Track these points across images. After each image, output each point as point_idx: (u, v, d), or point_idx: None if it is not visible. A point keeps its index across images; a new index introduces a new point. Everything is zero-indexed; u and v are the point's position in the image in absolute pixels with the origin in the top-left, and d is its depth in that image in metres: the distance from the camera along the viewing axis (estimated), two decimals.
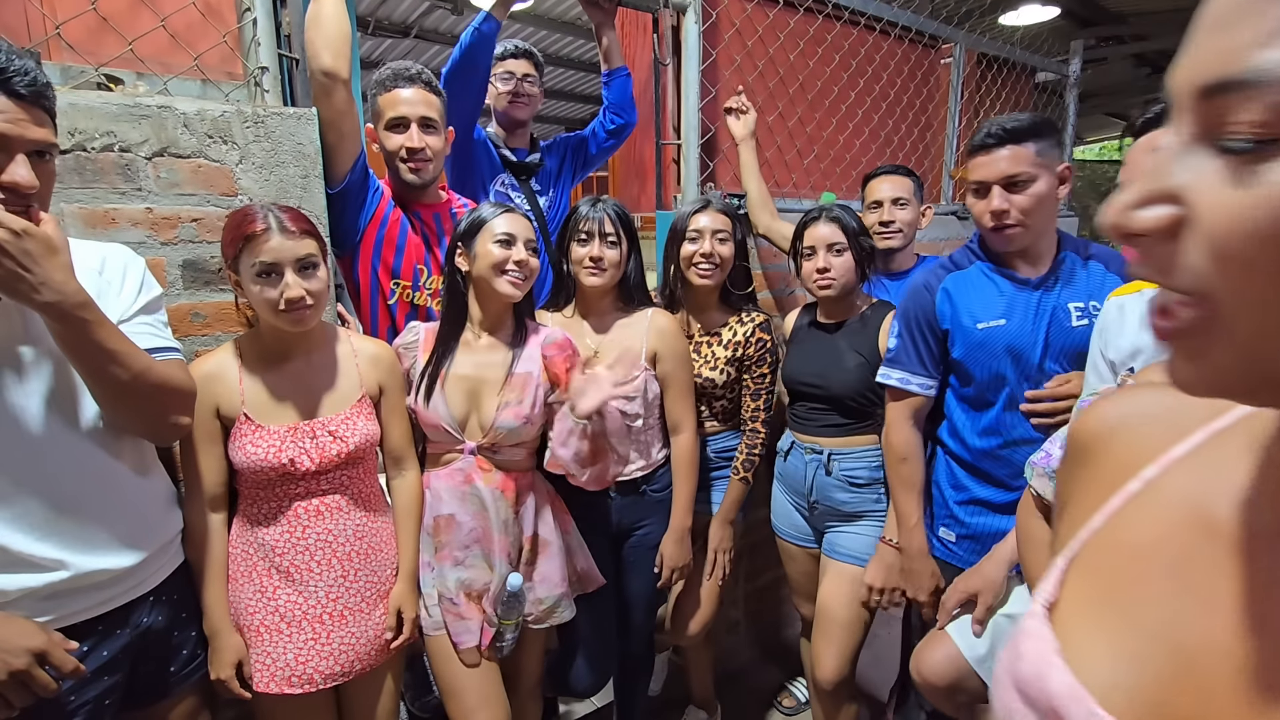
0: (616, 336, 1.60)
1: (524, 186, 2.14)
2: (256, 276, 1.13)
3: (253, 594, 1.20)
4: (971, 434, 1.42)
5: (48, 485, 0.94)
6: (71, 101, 1.14)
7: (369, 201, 1.56)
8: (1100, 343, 1.17)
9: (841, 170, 2.69)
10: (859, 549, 1.60)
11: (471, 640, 1.36)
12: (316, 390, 1.25)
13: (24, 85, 0.83)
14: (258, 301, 1.15)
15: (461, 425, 1.38)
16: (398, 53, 5.63)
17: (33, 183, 0.84)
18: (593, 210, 1.53)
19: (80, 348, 0.90)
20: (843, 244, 1.59)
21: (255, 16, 1.35)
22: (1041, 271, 1.37)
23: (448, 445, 1.39)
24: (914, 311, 1.44)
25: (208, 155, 1.27)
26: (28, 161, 0.84)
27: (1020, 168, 1.28)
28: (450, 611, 1.36)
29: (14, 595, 0.92)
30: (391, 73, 1.59)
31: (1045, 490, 1.03)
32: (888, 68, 2.73)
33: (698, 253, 1.64)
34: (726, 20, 2.26)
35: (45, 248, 0.84)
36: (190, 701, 1.18)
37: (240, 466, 1.18)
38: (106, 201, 1.19)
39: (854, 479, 1.60)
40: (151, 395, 0.98)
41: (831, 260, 1.59)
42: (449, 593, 1.36)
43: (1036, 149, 1.29)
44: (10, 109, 0.83)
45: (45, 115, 0.88)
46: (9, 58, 0.83)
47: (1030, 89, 3.50)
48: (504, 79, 2.13)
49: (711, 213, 1.66)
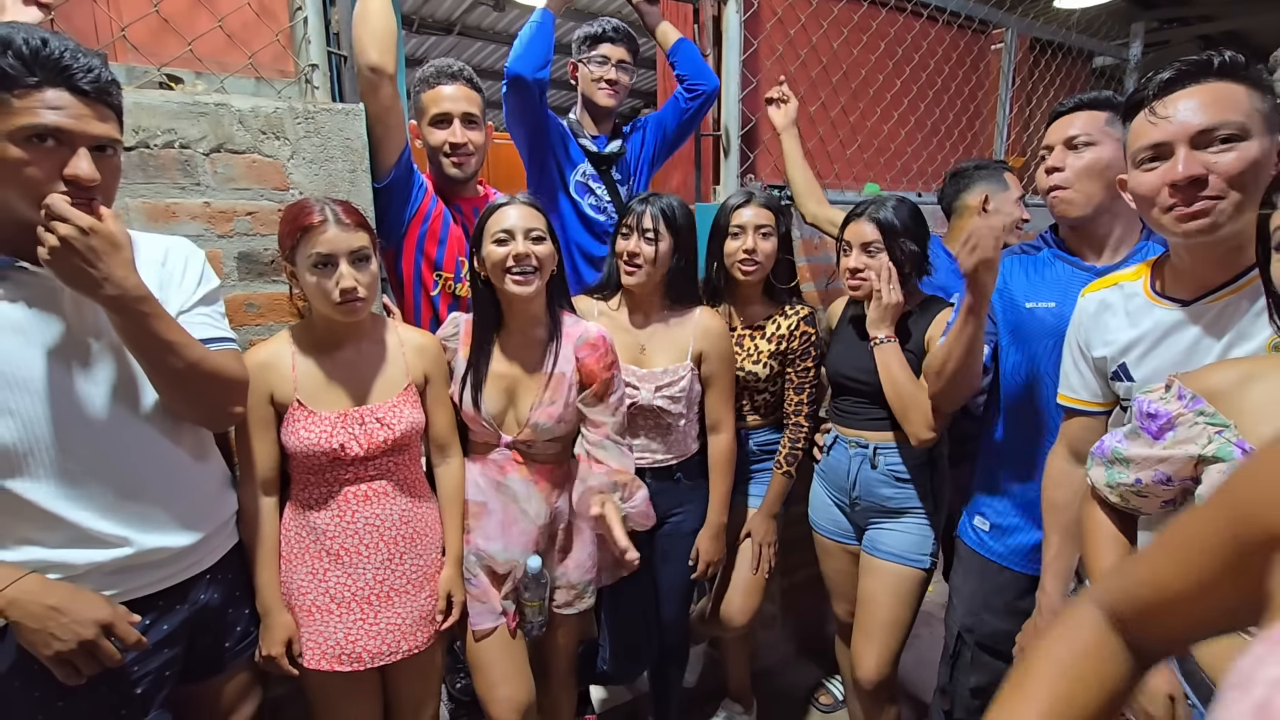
0: (662, 334, 1.59)
1: (605, 177, 2.05)
2: (313, 267, 1.17)
3: (304, 575, 1.24)
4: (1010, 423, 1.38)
5: (114, 468, 0.99)
6: (135, 100, 1.19)
7: (414, 195, 1.60)
8: (1079, 340, 1.13)
9: (886, 160, 2.63)
10: (902, 546, 1.57)
11: (489, 622, 1.39)
12: (366, 378, 1.28)
13: (87, 82, 0.87)
14: (313, 291, 1.19)
15: (499, 421, 1.40)
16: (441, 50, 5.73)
17: (93, 176, 0.88)
18: (640, 204, 1.53)
19: (139, 339, 0.94)
20: (878, 244, 1.52)
21: (306, 15, 1.39)
22: (1112, 260, 1.30)
23: (487, 438, 1.42)
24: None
25: (261, 151, 1.31)
26: (89, 156, 0.88)
27: (1082, 129, 1.25)
28: (470, 594, 1.39)
29: (82, 569, 0.97)
30: (435, 70, 1.62)
31: (1099, 479, 0.99)
32: (935, 55, 2.65)
33: (740, 249, 1.62)
34: (768, 9, 2.23)
35: (109, 244, 0.88)
36: (243, 677, 1.23)
37: (293, 451, 1.22)
38: (167, 196, 1.24)
39: (899, 474, 1.57)
40: (206, 384, 1.02)
41: (866, 260, 1.54)
42: (469, 574, 1.39)
43: (1107, 118, 1.25)
44: (73, 105, 0.87)
45: (109, 111, 0.92)
46: (73, 55, 0.86)
47: (1087, 75, 3.36)
48: (598, 63, 1.98)
49: (755, 207, 1.64)
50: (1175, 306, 1.01)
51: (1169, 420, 0.87)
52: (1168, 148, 0.93)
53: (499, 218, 1.35)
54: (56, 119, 0.85)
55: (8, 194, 0.87)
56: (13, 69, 0.83)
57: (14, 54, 0.83)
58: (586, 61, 1.99)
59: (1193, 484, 0.87)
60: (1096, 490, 1.01)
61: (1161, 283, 1.05)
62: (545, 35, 1.77)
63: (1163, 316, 1.02)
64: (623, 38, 1.99)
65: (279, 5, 1.44)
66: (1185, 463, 0.86)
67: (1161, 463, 0.88)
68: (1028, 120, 3.05)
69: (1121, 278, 1.11)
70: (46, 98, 0.85)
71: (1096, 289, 1.13)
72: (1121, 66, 3.27)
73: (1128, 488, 0.94)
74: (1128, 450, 0.93)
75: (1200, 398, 0.84)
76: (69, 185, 0.87)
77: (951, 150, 2.82)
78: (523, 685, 1.41)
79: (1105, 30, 3.34)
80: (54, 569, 0.95)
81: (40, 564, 0.94)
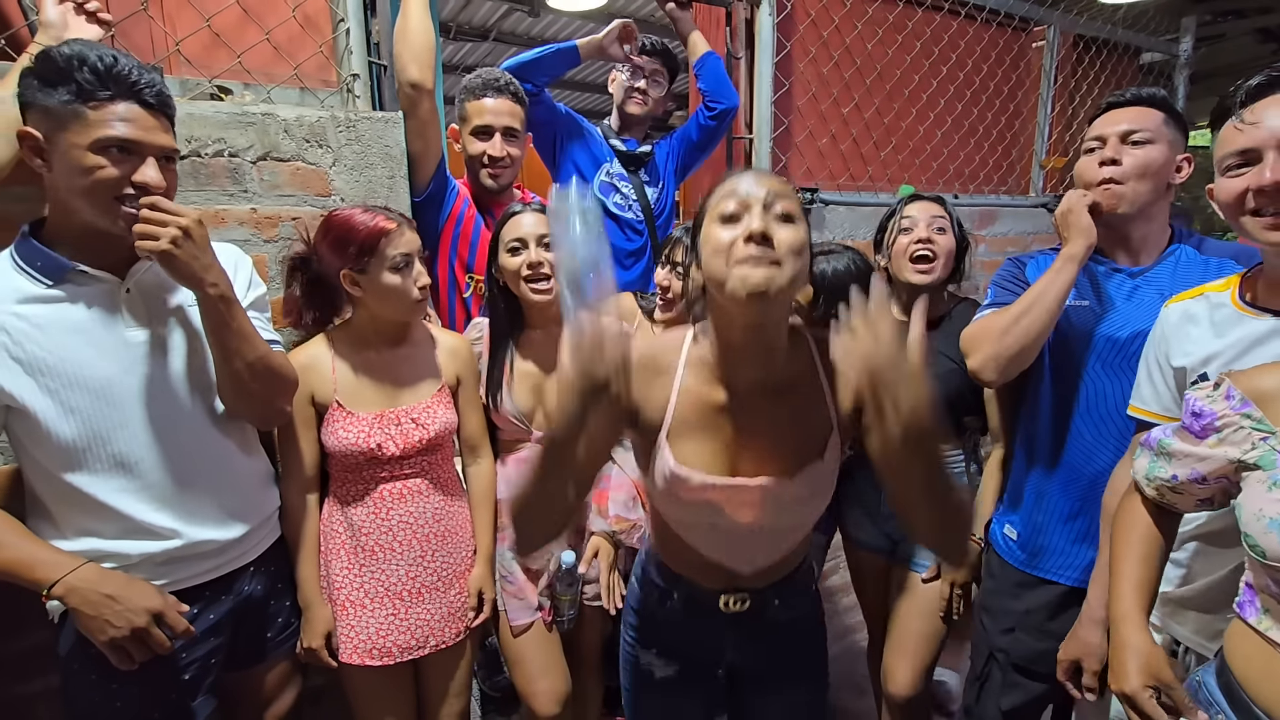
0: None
1: (633, 177, 2.08)
2: (394, 269, 1.21)
3: (340, 570, 1.28)
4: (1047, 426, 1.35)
5: (171, 462, 1.04)
6: (188, 111, 1.25)
7: (446, 201, 1.64)
8: (1160, 350, 1.10)
9: (921, 162, 2.60)
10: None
11: (526, 617, 1.42)
12: (401, 380, 1.32)
13: (151, 95, 0.94)
14: (392, 292, 1.22)
15: (529, 418, 1.43)
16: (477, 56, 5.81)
17: (161, 182, 0.95)
18: (678, 232, 1.48)
19: (224, 328, 1.00)
20: (945, 222, 1.49)
21: (349, 26, 1.44)
22: (1144, 263, 1.28)
23: (517, 436, 1.45)
24: (1003, 280, 1.38)
25: (305, 158, 1.36)
26: (156, 164, 0.94)
27: (1141, 125, 1.22)
28: (506, 590, 1.42)
29: (135, 559, 1.02)
30: (481, 81, 1.66)
31: (1140, 471, 0.97)
32: (973, 54, 2.61)
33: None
34: (802, 11, 2.22)
35: (206, 239, 0.97)
36: (284, 666, 1.27)
37: (332, 450, 1.26)
38: (217, 202, 1.30)
39: None
40: (267, 380, 1.08)
41: (934, 236, 1.48)
42: (505, 571, 1.42)
43: (1164, 119, 1.22)
44: (141, 117, 0.93)
45: (169, 123, 0.98)
46: (139, 71, 0.93)
47: (1134, 71, 3.26)
48: (631, 72, 2.04)
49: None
50: (1267, 316, 0.98)
51: (1213, 421, 0.85)
52: (1255, 154, 0.92)
53: (512, 226, 1.37)
54: (129, 131, 0.91)
55: (80, 201, 0.93)
56: (89, 83, 0.89)
57: (89, 69, 0.89)
58: (621, 71, 2.05)
59: (1230, 485, 0.85)
60: (1137, 483, 0.99)
61: (1253, 294, 1.02)
62: (555, 64, 1.84)
63: (1253, 327, 0.99)
64: (659, 53, 2.05)
65: (323, 17, 1.49)
66: (1224, 465, 0.84)
67: (1200, 462, 0.86)
68: (1070, 120, 2.97)
69: (1209, 289, 1.08)
70: (118, 111, 0.91)
71: (1181, 300, 1.11)
72: (1171, 62, 3.16)
73: (1164, 483, 0.93)
74: (1172, 445, 0.92)
75: (1249, 401, 0.82)
76: (138, 191, 0.93)
77: (990, 151, 2.76)
78: (560, 677, 1.44)
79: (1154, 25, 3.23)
80: (109, 558, 1.00)
81: (97, 553, 1.00)
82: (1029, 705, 1.37)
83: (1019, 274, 1.37)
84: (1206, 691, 0.86)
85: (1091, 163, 1.27)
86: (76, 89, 0.89)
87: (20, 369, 0.93)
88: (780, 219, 0.84)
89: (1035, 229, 2.77)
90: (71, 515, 1.00)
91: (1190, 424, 0.89)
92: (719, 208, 0.86)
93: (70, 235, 0.96)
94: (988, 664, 1.42)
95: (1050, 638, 1.31)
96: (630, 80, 2.04)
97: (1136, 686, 0.89)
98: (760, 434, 0.93)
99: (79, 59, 0.89)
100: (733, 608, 1.03)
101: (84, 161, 0.90)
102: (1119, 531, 1.01)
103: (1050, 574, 1.34)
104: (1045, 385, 1.35)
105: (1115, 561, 1.00)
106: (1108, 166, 1.23)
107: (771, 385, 0.93)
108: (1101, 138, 1.26)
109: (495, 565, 1.43)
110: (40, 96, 0.90)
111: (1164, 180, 1.22)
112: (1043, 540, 1.35)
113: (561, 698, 1.42)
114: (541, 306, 1.39)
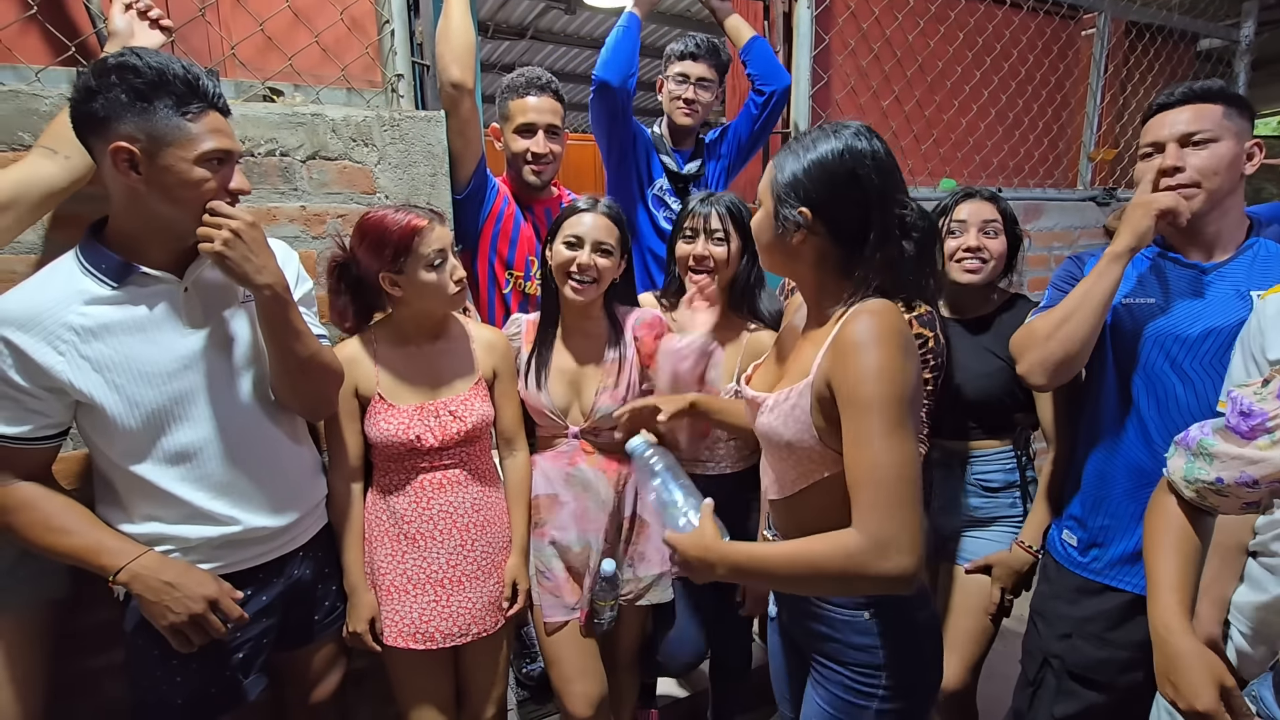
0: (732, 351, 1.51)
1: (681, 195, 2.03)
2: (430, 266, 1.24)
3: (384, 556, 1.32)
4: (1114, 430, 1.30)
5: (229, 451, 1.09)
6: (243, 113, 1.30)
7: (487, 198, 1.67)
8: (1255, 344, 1.04)
9: (964, 155, 2.54)
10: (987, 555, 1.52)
11: (560, 615, 1.43)
12: (440, 373, 1.35)
13: (223, 103, 0.99)
14: (428, 288, 1.25)
15: (565, 412, 1.45)
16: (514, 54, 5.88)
17: (248, 188, 1.02)
18: (701, 205, 1.46)
19: (280, 325, 1.05)
20: (998, 225, 1.46)
21: (393, 28, 1.48)
22: (1218, 258, 1.21)
23: (554, 430, 1.47)
24: (1060, 280, 1.34)
25: (351, 157, 1.40)
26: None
27: (1203, 125, 1.16)
28: (543, 586, 1.44)
29: (195, 543, 1.08)
30: (525, 80, 1.69)
31: (1175, 471, 0.92)
32: (1018, 44, 2.54)
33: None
34: (841, 3, 2.19)
35: (263, 238, 1.01)
36: (331, 648, 1.32)
37: (374, 441, 1.30)
38: (270, 201, 1.35)
39: (987, 483, 1.51)
40: (319, 374, 1.13)
41: (985, 241, 1.45)
42: (544, 567, 1.43)
43: (1224, 111, 1.16)
44: (226, 126, 0.99)
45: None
46: (211, 81, 0.97)
47: (1191, 59, 3.13)
48: (677, 80, 1.95)
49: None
50: None
51: (1264, 421, 0.80)
52: None
53: (575, 222, 1.38)
54: (224, 142, 0.97)
55: (178, 210, 0.97)
56: (183, 97, 0.93)
57: (181, 83, 0.93)
58: (668, 79, 1.98)
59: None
60: (1172, 483, 0.93)
61: None
62: (632, 39, 1.79)
63: None
64: (705, 53, 1.95)
65: (368, 19, 1.53)
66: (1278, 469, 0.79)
67: (1251, 465, 0.81)
68: (1121, 110, 2.87)
69: None
70: (212, 122, 0.96)
71: (1278, 291, 1.05)
72: (1231, 49, 3.03)
73: (1206, 485, 0.87)
74: (1215, 446, 0.86)
75: None
76: (231, 196, 1.00)
77: (1035, 143, 2.69)
78: (596, 680, 1.45)
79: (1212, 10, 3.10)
80: (170, 541, 1.06)
81: (160, 536, 1.05)
82: (1084, 715, 1.32)
83: (1077, 274, 1.32)
84: (1264, 707, 0.83)
85: (1150, 169, 1.21)
86: (174, 103, 0.92)
87: (89, 367, 0.98)
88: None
89: (1083, 223, 2.69)
90: (136, 501, 1.05)
91: (1237, 424, 0.83)
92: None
93: (134, 237, 1.01)
94: (1041, 669, 1.38)
95: (1110, 646, 1.27)
96: (677, 90, 1.95)
97: (1212, 703, 0.82)
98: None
99: (167, 72, 0.92)
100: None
101: (191, 175, 0.95)
102: (1155, 535, 0.96)
103: (1114, 581, 1.29)
104: (1109, 385, 1.30)
105: (1155, 569, 0.94)
106: (1174, 174, 1.17)
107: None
108: (1158, 143, 1.20)
109: (530, 557, 1.46)
110: (132, 111, 0.90)
111: (1236, 174, 1.17)
112: (1106, 546, 1.30)
113: (596, 701, 1.44)
114: (579, 306, 1.41)
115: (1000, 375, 1.45)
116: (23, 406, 0.96)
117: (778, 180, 0.94)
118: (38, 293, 0.97)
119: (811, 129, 0.96)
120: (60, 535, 0.99)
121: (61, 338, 0.96)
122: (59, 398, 0.98)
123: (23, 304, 0.95)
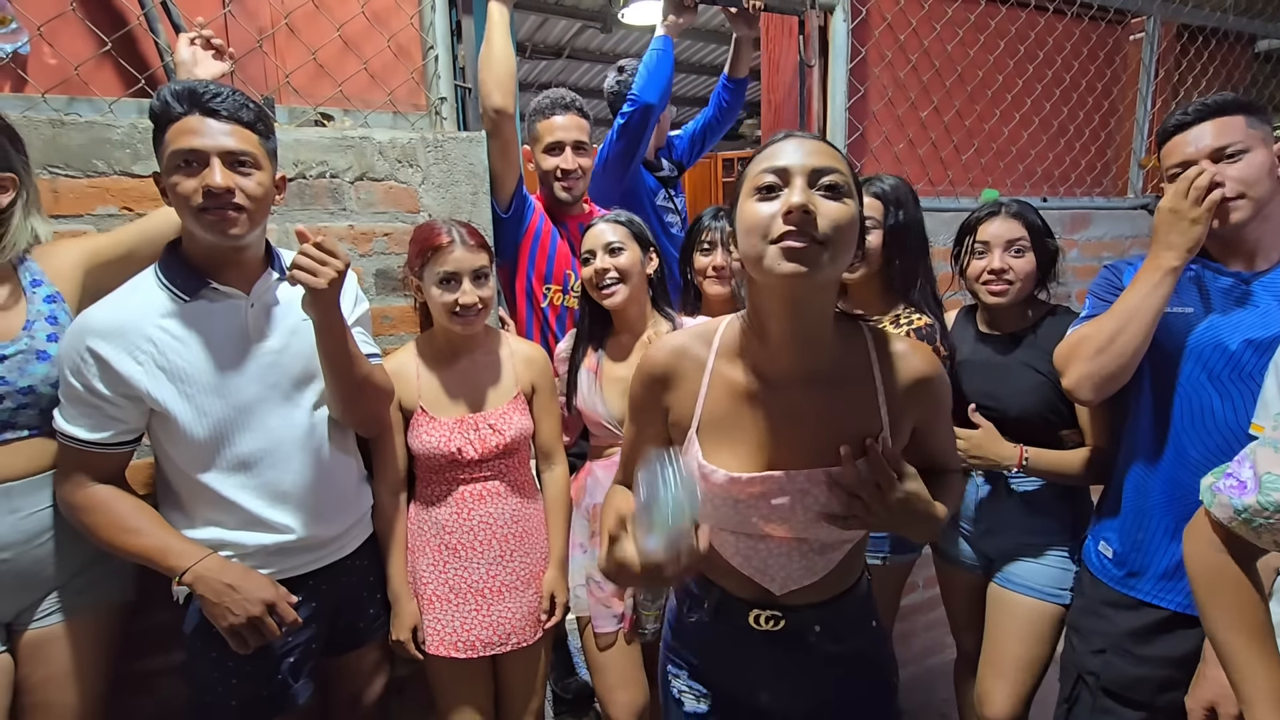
0: None
1: (672, 200, 2.24)
2: (439, 283, 1.28)
3: (426, 566, 1.35)
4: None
5: (286, 462, 1.14)
6: (295, 137, 1.36)
7: (525, 216, 1.72)
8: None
9: (1006, 164, 2.49)
10: (1039, 580, 1.46)
11: (609, 625, 1.43)
12: (480, 387, 1.38)
13: (217, 105, 1.01)
14: (436, 305, 1.31)
15: (620, 422, 1.46)
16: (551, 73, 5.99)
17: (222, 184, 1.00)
18: (715, 220, 1.58)
19: (338, 350, 1.09)
20: (1025, 242, 1.42)
21: (437, 53, 1.53)
22: (1260, 266, 1.18)
23: (609, 440, 1.48)
24: (1101, 291, 1.31)
25: (397, 178, 1.45)
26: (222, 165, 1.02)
27: (1232, 137, 1.13)
28: (594, 594, 1.44)
29: (251, 549, 1.12)
30: (550, 101, 1.75)
31: (1223, 516, 0.85)
32: (1062, 50, 2.48)
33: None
34: (877, 15, 2.18)
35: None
36: (375, 654, 1.35)
37: (416, 453, 1.33)
38: (319, 220, 1.40)
39: (1033, 501, 1.47)
40: (372, 393, 1.18)
41: (1010, 261, 1.42)
42: (595, 576, 1.44)
43: (1247, 120, 1.14)
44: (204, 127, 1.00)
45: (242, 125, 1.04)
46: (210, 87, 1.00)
47: (1247, 61, 3.01)
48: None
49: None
50: None
51: None
52: None
53: (587, 238, 1.45)
54: (194, 140, 0.99)
55: (185, 221, 1.04)
56: (166, 109, 0.99)
57: (177, 99, 0.98)
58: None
59: None
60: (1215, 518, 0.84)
61: None
62: (671, 63, 1.91)
63: None
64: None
65: (414, 45, 1.58)
66: None
67: None
68: None
69: None
70: (184, 124, 0.99)
71: None
72: None
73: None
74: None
75: None
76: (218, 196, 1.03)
77: (1082, 151, 2.62)
78: (640, 689, 1.45)
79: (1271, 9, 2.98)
80: (229, 547, 1.10)
81: (219, 542, 1.10)
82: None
83: (1117, 284, 1.29)
84: None
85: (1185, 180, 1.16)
86: (159, 119, 0.99)
87: (165, 377, 1.04)
88: (826, 192, 0.75)
89: (1134, 232, 2.60)
90: (199, 507, 1.11)
91: None
92: (756, 179, 0.77)
93: (196, 254, 1.07)
94: (1076, 686, 1.35)
95: (1146, 664, 1.23)
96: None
97: None
98: (797, 428, 0.84)
99: (170, 95, 0.98)
100: (764, 625, 0.92)
101: (171, 181, 1.00)
102: (1221, 611, 0.86)
103: (1149, 596, 1.26)
104: (1145, 397, 1.27)
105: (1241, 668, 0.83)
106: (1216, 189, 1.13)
107: (814, 377, 0.85)
108: (1187, 163, 1.17)
109: (567, 569, 1.46)
110: (159, 144, 1.01)
111: (1275, 180, 1.14)
112: (1143, 560, 1.27)
113: (638, 710, 1.44)
114: (617, 311, 1.45)
115: (1042, 390, 1.41)
116: (103, 414, 1.02)
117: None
118: (121, 305, 1.04)
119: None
120: (131, 535, 1.05)
121: (141, 348, 1.02)
122: (136, 406, 1.04)
123: (108, 316, 1.02)
